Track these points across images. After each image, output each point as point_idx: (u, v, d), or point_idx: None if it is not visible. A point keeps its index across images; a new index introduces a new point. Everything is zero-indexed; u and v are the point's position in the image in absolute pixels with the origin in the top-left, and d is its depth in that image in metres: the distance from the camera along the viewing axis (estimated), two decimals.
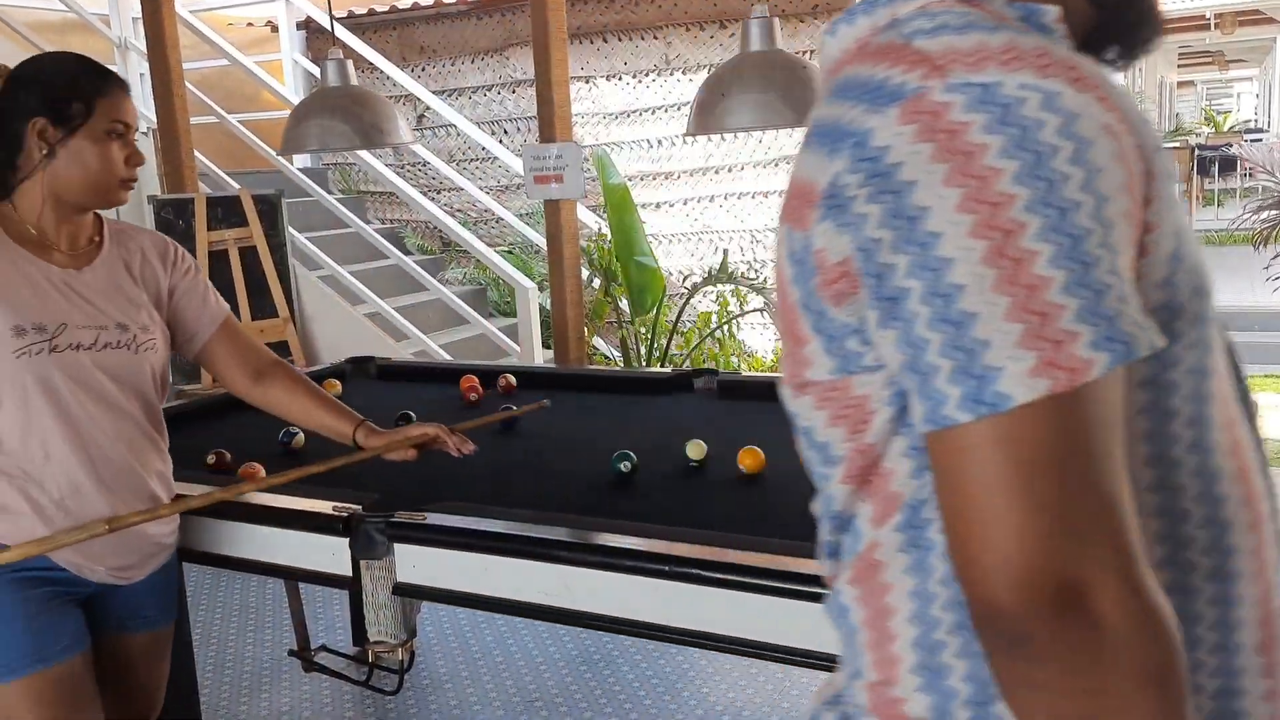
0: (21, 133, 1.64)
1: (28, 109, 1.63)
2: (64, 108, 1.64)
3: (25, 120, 1.63)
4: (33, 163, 1.65)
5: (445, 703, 3.05)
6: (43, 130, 1.64)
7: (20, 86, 1.65)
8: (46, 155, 1.65)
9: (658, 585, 1.57)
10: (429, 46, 7.21)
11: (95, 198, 1.72)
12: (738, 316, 5.66)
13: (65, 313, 1.68)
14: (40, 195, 1.67)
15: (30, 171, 1.65)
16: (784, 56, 2.34)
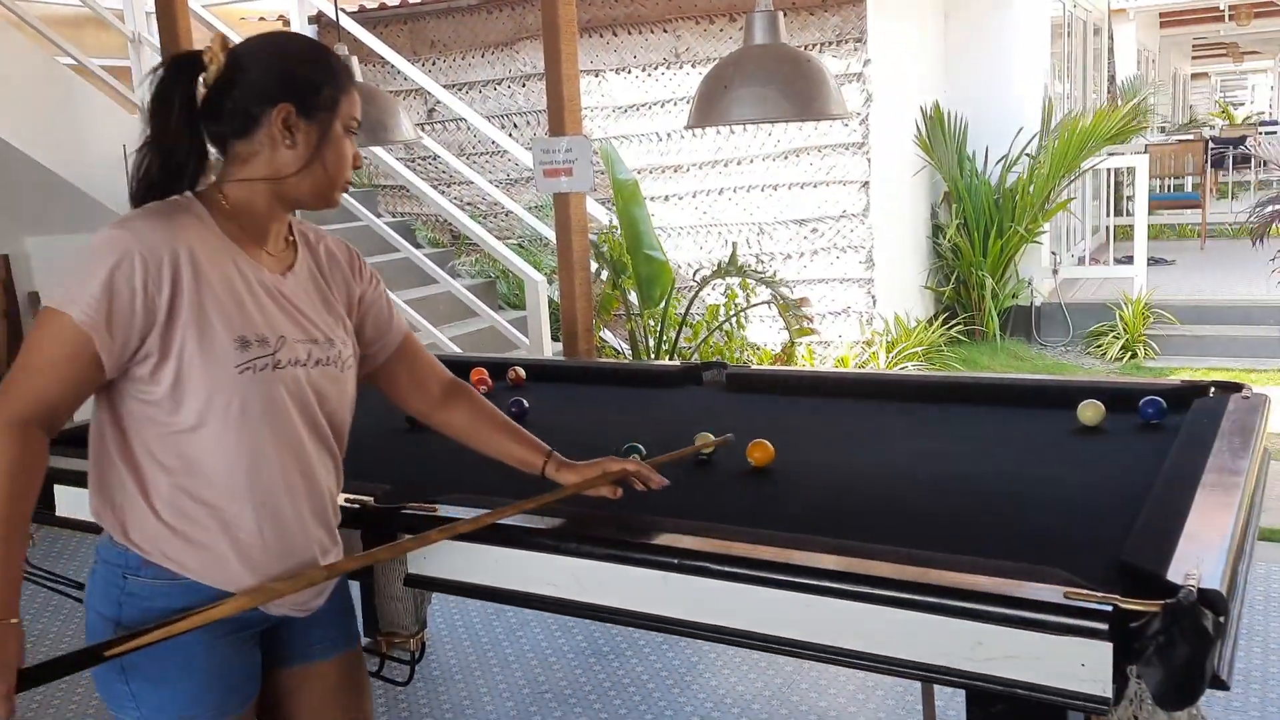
0: (258, 116, 1.47)
1: (271, 92, 1.46)
2: (312, 97, 1.49)
3: (267, 104, 1.46)
4: (265, 151, 1.48)
5: (456, 695, 3.08)
6: (287, 117, 1.47)
7: (260, 66, 1.48)
8: (289, 146, 1.48)
9: (666, 578, 1.58)
10: (439, 41, 7.23)
11: (318, 197, 1.54)
12: (746, 309, 5.67)
13: (283, 324, 1.51)
14: (264, 188, 1.50)
15: (251, 159, 1.49)
16: (786, 50, 2.34)
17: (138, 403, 1.45)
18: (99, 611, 1.52)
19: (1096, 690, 1.23)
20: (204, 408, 1.43)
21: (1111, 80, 11.58)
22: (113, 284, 1.37)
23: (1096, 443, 2.13)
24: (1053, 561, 1.40)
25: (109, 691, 1.54)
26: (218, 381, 1.43)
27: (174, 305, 1.41)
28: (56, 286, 1.40)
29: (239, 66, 1.48)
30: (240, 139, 1.49)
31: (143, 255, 1.39)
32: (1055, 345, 7.64)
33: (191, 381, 1.42)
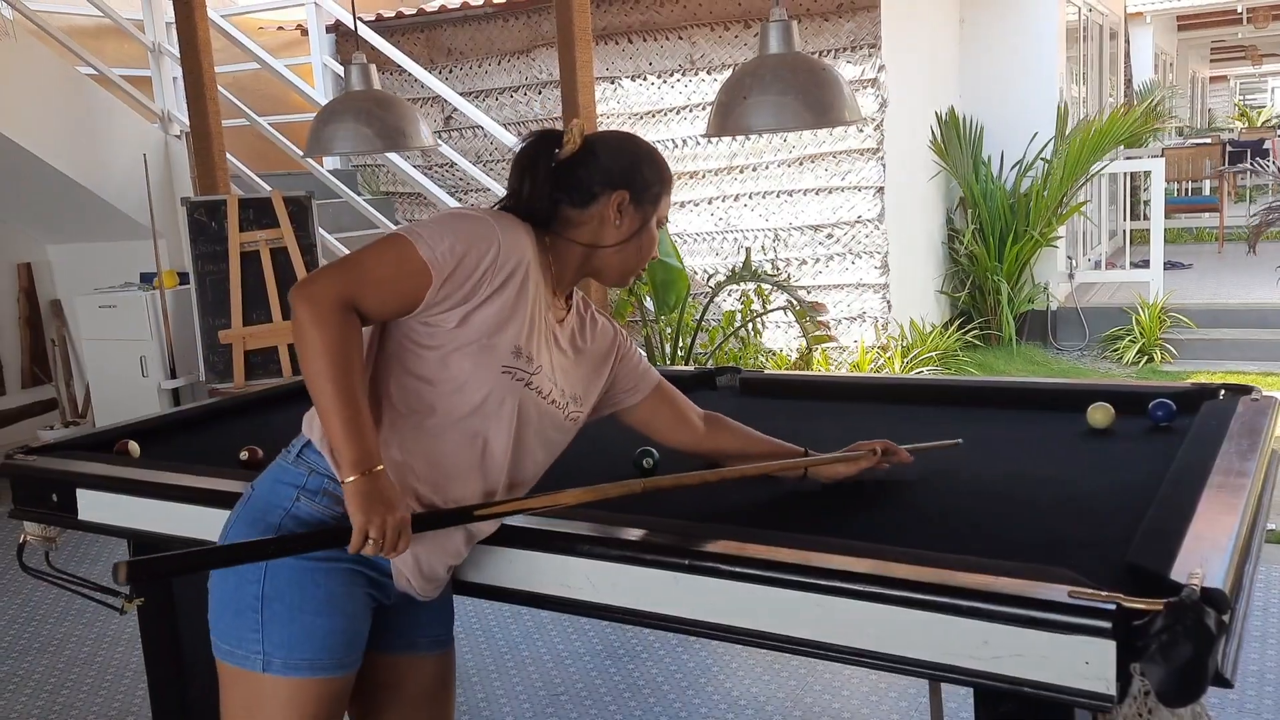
0: (598, 194, 1.69)
1: (614, 177, 1.69)
2: (645, 190, 1.72)
3: (609, 187, 1.69)
4: (593, 224, 1.69)
5: (473, 696, 3.11)
6: (622, 203, 1.69)
7: (611, 154, 1.71)
8: (616, 225, 1.70)
9: (678, 578, 1.60)
10: (456, 48, 7.29)
11: (619, 274, 1.76)
12: (761, 315, 5.69)
13: (547, 358, 1.69)
14: (581, 251, 1.71)
15: (579, 226, 1.70)
16: (803, 59, 2.37)
17: (410, 352, 1.62)
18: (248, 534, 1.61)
19: (1101, 688, 1.25)
20: (463, 383, 1.61)
21: (1128, 84, 11.55)
22: (468, 252, 1.56)
23: (1106, 445, 2.14)
24: (1060, 562, 1.41)
25: (233, 621, 1.60)
26: (484, 368, 1.61)
27: (494, 295, 1.59)
28: (415, 227, 1.57)
29: (592, 151, 1.71)
30: (576, 208, 1.70)
31: (500, 245, 1.58)
32: (1071, 350, 7.62)
33: (466, 359, 1.60)
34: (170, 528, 2.20)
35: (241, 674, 1.60)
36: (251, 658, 1.58)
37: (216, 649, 1.64)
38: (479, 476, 1.67)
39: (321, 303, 1.51)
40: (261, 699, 1.59)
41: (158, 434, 2.76)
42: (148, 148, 5.50)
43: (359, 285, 1.54)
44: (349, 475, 1.51)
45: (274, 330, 5.04)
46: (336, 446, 1.52)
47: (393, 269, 1.54)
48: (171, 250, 5.44)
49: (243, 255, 5.03)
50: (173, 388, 5.22)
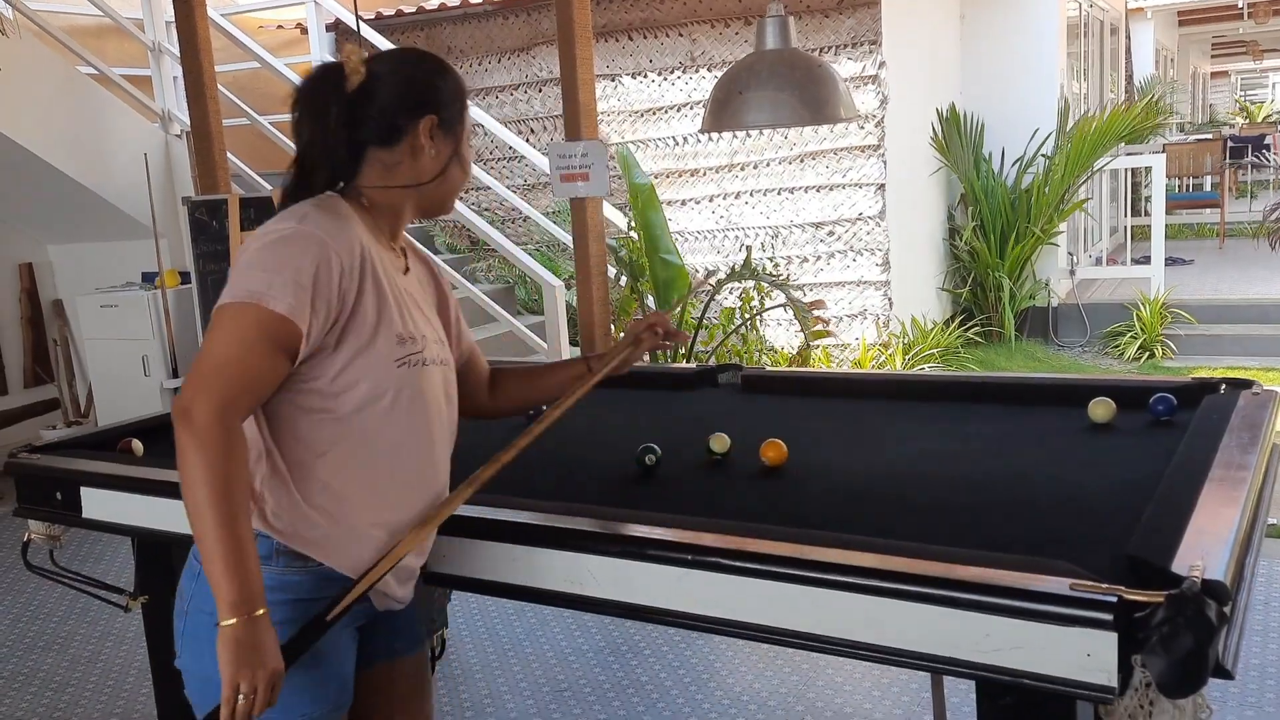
0: (404, 126, 1.54)
1: (418, 104, 1.54)
2: (450, 107, 1.58)
3: (413, 115, 1.54)
4: (406, 159, 1.55)
5: (476, 692, 3.12)
6: (432, 129, 1.55)
7: (403, 80, 1.56)
8: (431, 155, 1.56)
9: (681, 574, 1.61)
10: (456, 47, 7.29)
11: (440, 206, 1.64)
12: (761, 313, 5.69)
13: (419, 323, 1.58)
14: (404, 198, 1.58)
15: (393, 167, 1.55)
16: (798, 55, 2.37)
17: (295, 391, 1.49)
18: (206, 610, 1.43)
19: (1102, 680, 1.25)
20: (364, 397, 1.50)
21: (1129, 80, 11.54)
22: (316, 278, 1.42)
23: (1107, 440, 2.14)
24: (1061, 556, 1.42)
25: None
26: (380, 373, 1.50)
27: (357, 301, 1.48)
28: (246, 283, 1.41)
29: (380, 79, 1.55)
30: (382, 147, 1.55)
31: (338, 253, 1.46)
32: (1073, 346, 7.62)
33: (356, 372, 1.49)
34: (174, 525, 2.20)
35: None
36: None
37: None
38: (420, 483, 1.59)
39: (201, 425, 1.36)
40: None
41: (161, 432, 2.76)
42: (148, 147, 5.51)
43: (234, 387, 1.39)
44: (228, 618, 1.36)
45: None
46: (216, 584, 1.36)
47: (261, 346, 1.40)
48: (173, 250, 5.45)
49: None
50: (174, 387, 5.22)
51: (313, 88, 1.56)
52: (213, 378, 1.39)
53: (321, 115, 1.53)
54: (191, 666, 1.52)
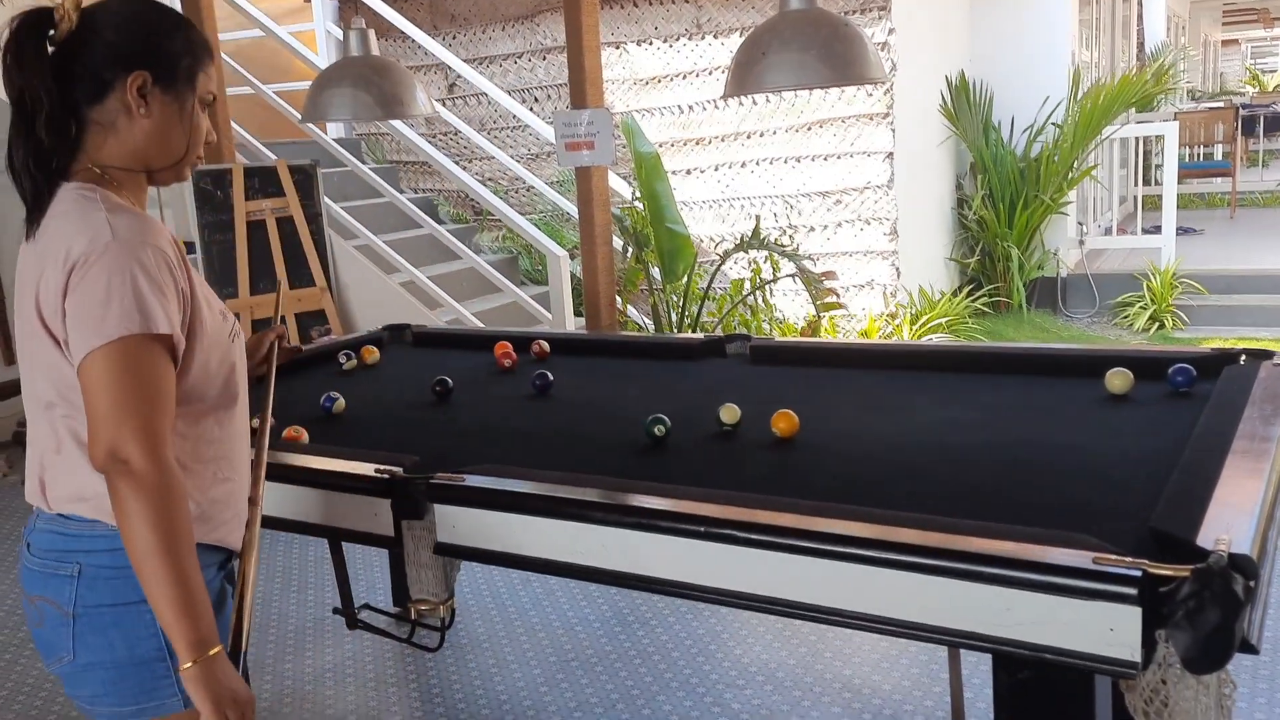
0: (110, 82, 1.42)
1: (125, 57, 1.42)
2: (172, 65, 1.46)
3: (121, 69, 1.42)
4: (121, 119, 1.45)
5: (484, 662, 3.12)
6: (143, 86, 1.43)
7: (116, 30, 1.44)
8: (144, 113, 1.45)
9: (691, 545, 1.59)
10: (459, 14, 7.21)
11: (173, 171, 1.54)
12: (770, 282, 5.65)
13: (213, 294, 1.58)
14: (132, 162, 1.48)
15: (111, 130, 1.45)
16: (824, 14, 2.31)
17: None
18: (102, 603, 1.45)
19: (1125, 655, 1.23)
20: (213, 380, 1.52)
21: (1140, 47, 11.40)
22: (166, 290, 1.39)
23: (1125, 411, 2.12)
24: (1081, 528, 1.40)
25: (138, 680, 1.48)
26: (220, 351, 1.52)
27: (191, 289, 1.47)
28: (117, 316, 1.34)
29: (94, 28, 1.43)
30: (92, 105, 1.44)
31: (166, 255, 1.42)
32: (1082, 316, 7.58)
33: (204, 355, 1.49)
34: None
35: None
36: (169, 701, 1.49)
37: (118, 716, 1.50)
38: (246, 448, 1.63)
39: (140, 469, 1.33)
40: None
41: None
42: None
43: (155, 419, 1.35)
44: (187, 660, 1.35)
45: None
46: (171, 628, 1.35)
47: (157, 369, 1.37)
48: (178, 219, 5.41)
49: (249, 224, 5.00)
50: None
51: (17, 34, 1.41)
52: (132, 418, 1.33)
53: (29, 65, 1.40)
54: (101, 658, 1.47)
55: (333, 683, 3.06)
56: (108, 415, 1.34)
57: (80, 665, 1.48)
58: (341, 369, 3.09)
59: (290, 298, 5.04)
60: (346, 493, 1.95)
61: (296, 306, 5.07)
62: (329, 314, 5.11)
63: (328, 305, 5.11)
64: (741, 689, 2.89)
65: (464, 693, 2.95)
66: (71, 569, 1.46)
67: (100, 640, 1.46)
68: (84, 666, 1.48)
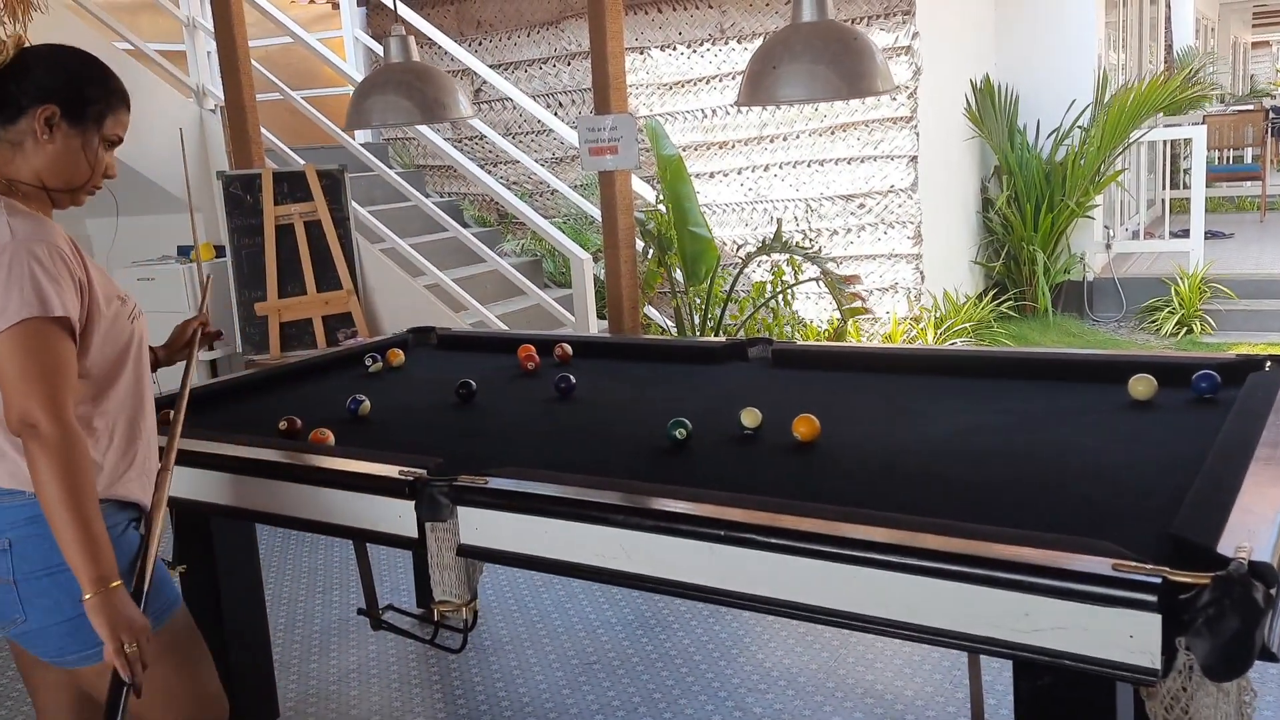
0: (25, 108, 1.67)
1: (42, 91, 1.67)
2: (82, 106, 1.71)
3: (34, 100, 1.67)
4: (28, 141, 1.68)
5: (506, 664, 3.14)
6: (51, 117, 1.68)
7: (44, 68, 1.69)
8: (47, 140, 1.68)
9: (713, 549, 1.60)
10: (485, 20, 7.26)
11: (69, 195, 1.76)
12: (792, 286, 5.65)
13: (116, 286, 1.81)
14: (34, 179, 1.71)
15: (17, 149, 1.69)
16: (835, 27, 2.32)
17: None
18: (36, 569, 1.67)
19: (1145, 662, 1.24)
20: (113, 356, 1.74)
21: (1169, 50, 11.30)
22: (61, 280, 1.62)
23: (1148, 417, 2.11)
24: (1102, 535, 1.40)
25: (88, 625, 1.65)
26: (119, 332, 1.75)
27: (87, 281, 1.68)
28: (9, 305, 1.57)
29: (24, 63, 1.68)
30: (6, 126, 1.68)
31: (61, 250, 1.64)
32: (1108, 321, 7.52)
33: (102, 335, 1.71)
34: (211, 496, 2.23)
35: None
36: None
37: (87, 659, 1.70)
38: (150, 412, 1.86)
39: (47, 432, 1.55)
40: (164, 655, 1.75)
41: (198, 404, 2.79)
42: (184, 122, 5.53)
43: (59, 389, 1.58)
44: (89, 592, 1.57)
45: (308, 302, 5.08)
46: (77, 566, 1.57)
47: (61, 348, 1.60)
48: (208, 223, 5.48)
49: (277, 228, 5.05)
50: (210, 359, 5.27)
51: None
52: (37, 388, 1.57)
53: None
54: (53, 618, 1.68)
55: (357, 683, 3.09)
56: (16, 387, 1.57)
57: (35, 625, 1.69)
58: (367, 371, 3.12)
59: (317, 300, 5.09)
60: (371, 494, 1.98)
61: (323, 309, 5.12)
62: (355, 317, 5.16)
63: (354, 308, 5.16)
64: (763, 693, 2.89)
65: (486, 694, 2.97)
66: (2, 543, 1.67)
67: (46, 601, 1.68)
68: (39, 625, 1.69)
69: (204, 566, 2.54)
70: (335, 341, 4.93)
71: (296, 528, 2.16)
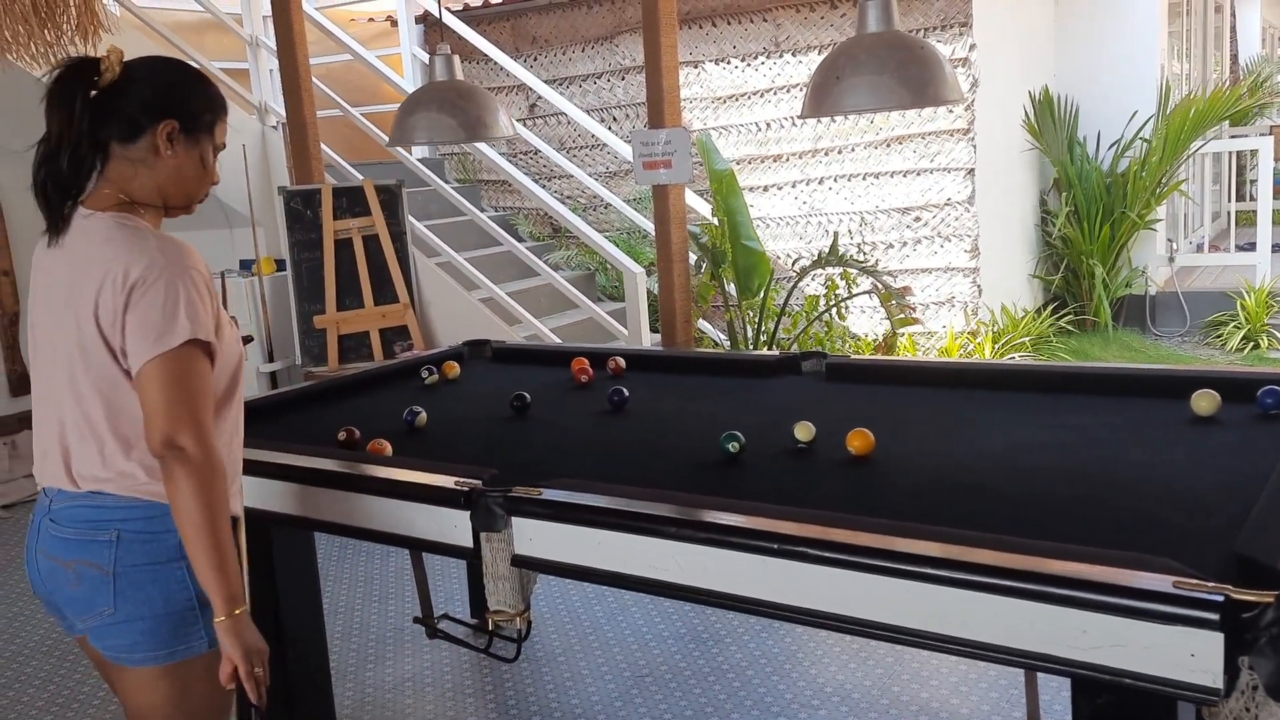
0: (144, 126, 1.68)
1: (160, 107, 1.69)
2: (197, 118, 1.73)
3: (154, 117, 1.68)
4: (148, 157, 1.70)
5: (559, 675, 3.15)
6: (172, 133, 1.70)
7: (153, 83, 1.71)
8: (171, 155, 1.71)
9: (766, 562, 1.60)
10: (540, 36, 7.34)
11: (186, 206, 1.79)
12: (846, 300, 5.62)
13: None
14: (157, 195, 1.73)
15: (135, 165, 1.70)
16: (899, 37, 2.32)
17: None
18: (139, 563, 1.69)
19: (1207, 681, 1.21)
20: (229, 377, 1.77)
21: (1234, 60, 11.07)
22: (205, 304, 1.66)
23: (1211, 433, 2.07)
24: (1162, 552, 1.38)
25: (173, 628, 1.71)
26: (233, 353, 1.78)
27: (216, 304, 1.72)
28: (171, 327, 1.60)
29: (132, 79, 1.69)
30: (123, 143, 1.70)
31: (204, 274, 1.68)
32: (1171, 335, 7.37)
33: (224, 357, 1.73)
34: (274, 505, 2.28)
35: (183, 665, 1.73)
36: (196, 644, 1.73)
37: (153, 659, 1.72)
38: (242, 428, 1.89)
39: (193, 455, 1.59)
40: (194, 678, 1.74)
41: (259, 414, 2.85)
42: (246, 139, 5.67)
43: (204, 413, 1.63)
44: (222, 614, 1.63)
45: (365, 315, 5.17)
46: (211, 586, 1.63)
47: (205, 371, 1.65)
48: (269, 238, 5.60)
49: (336, 242, 5.15)
50: (271, 371, 5.38)
51: (63, 79, 1.67)
52: (185, 412, 1.60)
53: (68, 105, 1.65)
54: (140, 611, 1.70)
55: (412, 691, 3.13)
56: (165, 410, 1.59)
57: (120, 618, 1.70)
58: (424, 384, 3.17)
59: (374, 313, 5.17)
60: (427, 504, 2.01)
61: (380, 322, 5.20)
62: (412, 330, 5.23)
63: (410, 321, 5.23)
64: (816, 709, 2.87)
65: (539, 704, 2.99)
66: (110, 534, 1.69)
67: (139, 595, 1.70)
68: (124, 619, 1.70)
69: (264, 574, 2.59)
70: (392, 354, 5.01)
71: (354, 537, 2.20)
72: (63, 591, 1.73)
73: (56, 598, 1.75)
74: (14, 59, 3.87)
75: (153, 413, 1.60)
